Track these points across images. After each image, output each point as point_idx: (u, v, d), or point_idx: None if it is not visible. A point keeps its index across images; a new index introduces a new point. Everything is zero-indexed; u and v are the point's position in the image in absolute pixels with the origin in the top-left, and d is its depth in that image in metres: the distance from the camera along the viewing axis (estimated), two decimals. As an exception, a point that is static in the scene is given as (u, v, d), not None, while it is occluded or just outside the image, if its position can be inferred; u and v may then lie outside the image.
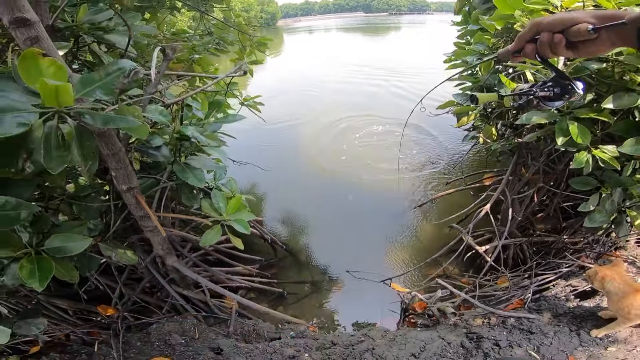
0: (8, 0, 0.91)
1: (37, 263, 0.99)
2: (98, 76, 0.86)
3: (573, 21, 0.57)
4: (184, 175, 1.40)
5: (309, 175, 3.92)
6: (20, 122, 0.73)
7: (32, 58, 0.79)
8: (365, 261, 2.55)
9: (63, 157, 0.77)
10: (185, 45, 2.67)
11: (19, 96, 0.81)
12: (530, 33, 0.62)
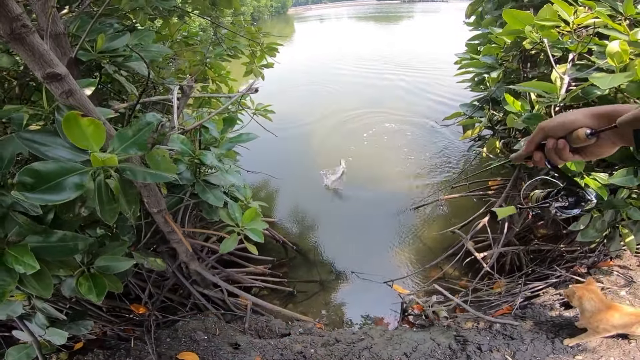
0: (38, 60, 1.06)
1: (92, 280, 1.21)
2: (131, 132, 1.02)
3: (573, 125, 0.58)
4: (204, 195, 1.58)
5: (315, 178, 4.08)
6: (77, 184, 0.90)
7: (74, 119, 0.95)
8: (370, 262, 2.74)
9: (114, 208, 0.95)
10: (197, 49, 2.79)
11: (69, 154, 0.98)
12: (537, 137, 0.64)
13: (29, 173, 0.86)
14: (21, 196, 0.80)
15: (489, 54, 2.14)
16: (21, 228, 1.08)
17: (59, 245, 1.10)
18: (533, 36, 1.84)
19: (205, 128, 1.71)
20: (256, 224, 1.86)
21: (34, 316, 1.48)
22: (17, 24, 0.93)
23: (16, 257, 1.02)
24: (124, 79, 1.76)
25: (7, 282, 1.03)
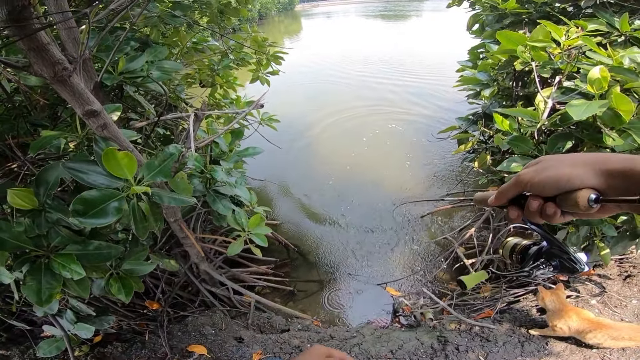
0: (78, 98, 1.28)
1: (121, 281, 1.48)
2: (157, 162, 1.27)
3: (570, 184, 0.45)
4: (214, 205, 1.83)
5: (314, 183, 4.37)
6: (117, 208, 1.15)
7: (112, 153, 1.20)
8: (366, 265, 3.02)
9: (146, 226, 1.21)
10: (205, 57, 3.02)
11: (105, 180, 1.22)
12: (513, 192, 0.52)
13: (80, 201, 1.11)
14: (77, 222, 1.06)
15: (484, 70, 2.33)
16: (63, 238, 1.36)
17: (96, 253, 1.36)
18: (525, 56, 2.00)
19: (215, 143, 1.96)
20: (261, 229, 2.11)
21: (64, 312, 1.77)
22: (59, 67, 1.12)
23: (62, 264, 1.28)
24: (143, 99, 2.01)
25: (53, 286, 1.28)
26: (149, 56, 2.00)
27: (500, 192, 0.54)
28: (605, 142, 1.52)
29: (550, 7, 2.43)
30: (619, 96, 1.44)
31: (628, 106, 1.44)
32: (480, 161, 2.26)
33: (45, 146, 1.49)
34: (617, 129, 1.52)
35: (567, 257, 0.56)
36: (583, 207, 0.44)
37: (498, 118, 1.92)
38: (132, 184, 1.20)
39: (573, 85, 1.73)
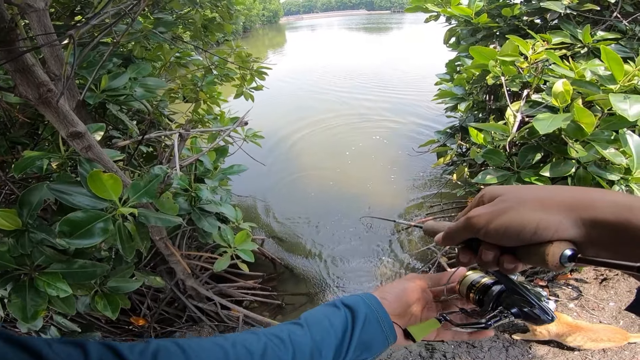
0: (63, 120, 1.33)
1: (106, 299, 1.51)
2: (143, 184, 1.32)
3: (537, 236, 0.35)
4: (200, 223, 1.88)
5: (298, 197, 4.47)
6: (103, 228, 1.20)
7: (97, 175, 1.25)
8: (353, 277, 3.09)
9: (132, 246, 1.25)
10: (189, 72, 3.07)
11: (89, 201, 1.27)
12: (463, 236, 0.44)
13: (66, 223, 1.15)
14: (64, 243, 1.10)
15: (459, 84, 2.46)
16: (47, 258, 1.39)
17: (81, 272, 1.40)
18: (496, 71, 2.13)
19: (199, 161, 2.02)
20: (247, 244, 2.16)
21: (48, 329, 1.78)
22: (43, 89, 1.14)
23: (48, 282, 1.32)
24: (126, 117, 2.05)
25: (38, 303, 1.32)
26: (132, 72, 2.01)
27: (448, 234, 0.46)
28: (570, 154, 1.64)
29: (519, 20, 2.57)
30: (580, 109, 1.55)
31: (589, 119, 1.56)
32: (458, 174, 2.37)
33: (28, 167, 1.51)
34: (580, 141, 1.64)
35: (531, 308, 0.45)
36: (553, 266, 0.35)
37: (473, 132, 2.01)
38: (118, 205, 1.25)
39: (540, 98, 1.86)
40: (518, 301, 0.47)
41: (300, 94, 9.16)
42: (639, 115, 1.44)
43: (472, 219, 0.41)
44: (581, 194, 0.35)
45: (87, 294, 1.52)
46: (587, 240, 0.34)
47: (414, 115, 6.92)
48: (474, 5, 2.70)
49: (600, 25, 2.39)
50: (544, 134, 1.69)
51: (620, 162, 1.58)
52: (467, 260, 0.45)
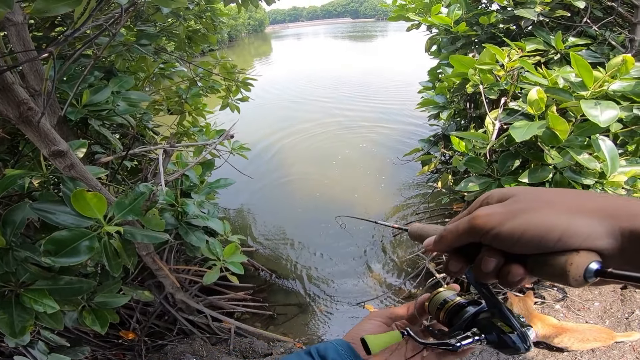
0: (44, 139, 1.32)
1: (94, 314, 1.51)
2: (128, 201, 1.33)
3: (562, 243, 0.30)
4: (187, 238, 1.89)
5: (286, 207, 4.52)
6: (88, 246, 1.21)
7: (81, 194, 1.26)
8: (344, 286, 3.14)
9: (119, 262, 1.26)
10: (173, 83, 3.07)
11: (73, 220, 1.28)
12: (463, 241, 0.38)
13: (51, 242, 1.16)
14: (50, 261, 1.11)
15: (441, 93, 2.54)
16: (32, 275, 1.38)
17: (67, 288, 1.39)
18: (475, 79, 2.19)
19: (185, 176, 2.03)
20: (236, 257, 2.17)
21: (36, 343, 1.76)
22: (23, 107, 1.12)
23: (34, 299, 1.31)
24: (109, 132, 2.05)
25: (25, 319, 1.31)
26: (114, 86, 1.99)
27: (444, 237, 0.40)
28: (547, 160, 1.72)
29: (495, 28, 2.66)
30: (554, 117, 1.62)
31: (563, 126, 1.63)
32: (442, 181, 2.43)
33: (9, 186, 1.50)
34: (556, 147, 1.71)
35: (510, 333, 0.40)
36: (574, 279, 0.29)
37: (455, 140, 2.07)
38: (103, 223, 1.26)
39: (517, 105, 1.93)
40: (498, 325, 0.42)
41: (286, 104, 9.28)
42: (610, 121, 1.50)
43: (480, 218, 0.35)
44: (622, 202, 0.31)
45: (74, 310, 1.52)
46: (618, 253, 0.30)
47: (398, 123, 7.09)
48: (453, 14, 2.79)
49: (572, 31, 2.49)
50: (522, 141, 1.75)
51: (594, 166, 1.65)
52: (457, 270, 0.40)
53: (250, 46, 31.53)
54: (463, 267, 0.40)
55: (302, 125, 7.41)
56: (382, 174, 5.14)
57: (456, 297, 0.50)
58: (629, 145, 1.83)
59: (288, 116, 8.15)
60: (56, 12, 0.85)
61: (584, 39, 2.28)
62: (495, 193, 0.38)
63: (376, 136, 6.55)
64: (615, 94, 1.70)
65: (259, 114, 8.04)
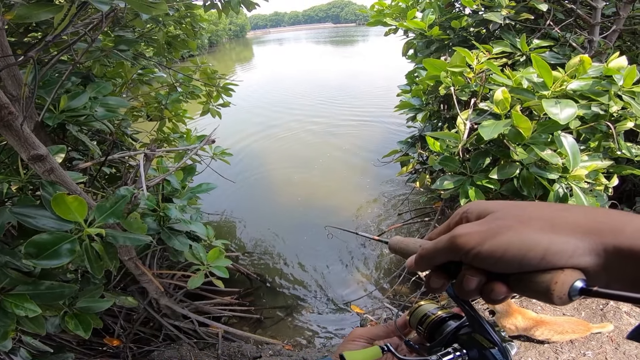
0: (24, 143, 1.34)
1: (77, 318, 1.53)
2: (109, 205, 1.38)
3: (545, 262, 0.30)
4: (170, 242, 1.93)
5: (269, 212, 4.60)
6: (70, 249, 1.25)
7: (61, 198, 1.29)
8: (329, 287, 3.22)
9: (101, 265, 1.30)
10: (153, 89, 3.08)
11: (54, 224, 1.31)
12: (443, 259, 0.38)
13: (32, 244, 1.19)
14: (31, 263, 1.14)
15: (417, 95, 2.66)
16: (12, 280, 1.40)
17: (48, 293, 1.41)
18: (447, 81, 2.31)
19: (167, 181, 2.07)
20: (220, 261, 2.22)
21: (18, 350, 1.76)
22: (4, 111, 1.15)
23: (15, 303, 1.33)
24: (87, 138, 2.07)
25: (7, 324, 1.33)
26: (92, 92, 1.99)
27: (423, 257, 0.40)
28: (514, 157, 1.84)
29: (466, 31, 2.81)
30: (518, 116, 1.74)
31: (526, 124, 1.75)
32: (420, 181, 2.54)
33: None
34: (521, 144, 1.84)
35: (491, 348, 0.40)
36: (558, 298, 0.30)
37: (430, 140, 2.16)
38: (84, 226, 1.30)
39: (486, 106, 2.06)
40: (479, 340, 0.42)
41: (267, 107, 9.42)
42: (569, 119, 1.62)
43: (460, 237, 0.35)
44: (604, 217, 0.31)
45: (56, 315, 1.54)
46: (602, 269, 0.30)
47: (380, 125, 7.29)
48: (427, 18, 2.93)
49: (537, 33, 2.65)
50: (491, 140, 1.87)
51: (557, 162, 1.77)
52: (440, 286, 0.40)
53: (232, 51, 31.74)
54: (444, 284, 0.40)
55: (280, 129, 7.56)
56: (364, 176, 5.29)
57: (437, 311, 0.50)
58: (591, 142, 1.96)
59: (267, 121, 8.28)
60: (38, 18, 0.89)
61: (548, 41, 2.42)
62: (473, 208, 0.38)
63: (357, 139, 6.74)
64: (575, 93, 1.82)
65: (239, 119, 8.08)
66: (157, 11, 1.27)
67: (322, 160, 5.92)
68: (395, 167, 4.70)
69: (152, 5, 0.93)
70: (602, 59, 2.32)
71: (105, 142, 2.50)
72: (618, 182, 2.04)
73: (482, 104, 2.10)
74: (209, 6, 2.70)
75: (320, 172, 5.55)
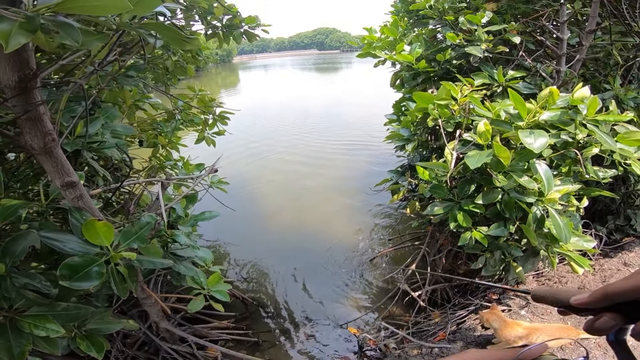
0: (60, 170, 1.51)
1: (88, 339, 1.65)
2: (134, 230, 1.55)
3: None
4: (176, 267, 2.08)
5: (262, 238, 4.80)
6: (99, 272, 1.40)
7: (92, 224, 1.46)
8: (326, 309, 3.37)
9: (125, 287, 1.46)
10: (150, 116, 3.19)
11: (84, 248, 1.46)
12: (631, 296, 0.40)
13: (65, 267, 1.33)
14: (67, 284, 1.30)
15: (406, 126, 2.93)
16: (28, 301, 1.50)
17: (64, 314, 1.51)
18: (434, 113, 2.57)
19: (172, 208, 2.24)
20: (221, 285, 2.37)
21: None
22: (48, 138, 1.23)
23: (35, 324, 1.42)
24: (97, 164, 2.22)
25: (23, 344, 1.41)
26: (103, 118, 2.10)
27: (607, 293, 0.41)
28: (496, 184, 2.10)
29: (450, 64, 3.09)
30: (498, 146, 2.00)
31: (506, 154, 1.99)
32: (410, 208, 2.78)
33: (11, 216, 1.59)
34: (502, 172, 2.09)
35: None
36: None
37: (420, 169, 2.38)
38: (110, 250, 1.46)
39: (469, 137, 2.32)
40: None
41: (251, 134, 9.74)
42: (542, 148, 1.87)
43: None
44: None
45: (67, 336, 1.65)
46: None
47: (367, 155, 7.68)
48: (415, 52, 3.24)
49: (511, 64, 2.97)
50: (475, 169, 2.06)
51: (533, 187, 2.03)
52: (609, 327, 0.41)
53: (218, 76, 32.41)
54: (615, 326, 0.41)
55: (266, 157, 7.93)
56: (354, 203, 5.58)
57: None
58: (562, 167, 2.25)
59: (252, 148, 8.64)
60: (90, 46, 0.93)
61: (521, 72, 2.73)
62: None
63: (345, 167, 7.11)
64: (546, 123, 2.07)
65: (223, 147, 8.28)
66: (191, 46, 1.42)
67: (311, 189, 6.17)
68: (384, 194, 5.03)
69: (187, 40, 1.05)
70: (568, 88, 2.62)
71: (108, 168, 2.62)
72: (589, 203, 2.31)
73: (466, 134, 2.36)
74: (210, 35, 2.91)
75: (312, 199, 5.81)
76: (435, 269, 2.96)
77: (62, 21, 0.81)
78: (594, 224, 3.10)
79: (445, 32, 2.99)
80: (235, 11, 2.74)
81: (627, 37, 2.82)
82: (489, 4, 3.07)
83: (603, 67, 3.04)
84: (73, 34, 0.80)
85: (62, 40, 0.81)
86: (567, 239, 1.95)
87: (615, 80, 2.81)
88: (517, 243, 2.35)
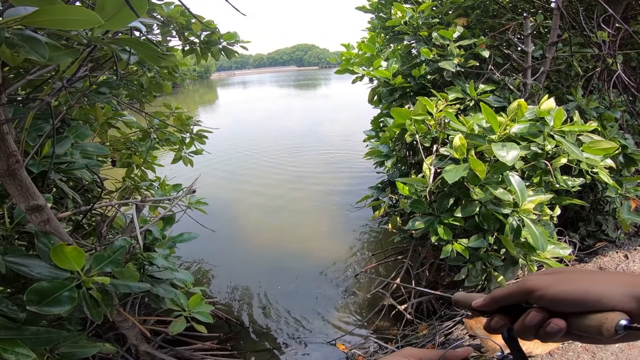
0: (25, 193, 1.43)
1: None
2: (107, 254, 1.51)
3: (599, 305, 0.43)
4: (155, 289, 2.03)
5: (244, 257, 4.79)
6: (70, 296, 1.36)
7: (60, 248, 1.41)
8: (312, 327, 3.35)
9: (100, 311, 1.41)
10: (123, 134, 3.07)
11: (53, 273, 1.41)
12: (512, 300, 0.50)
13: (33, 292, 1.28)
14: (35, 309, 1.25)
15: (384, 142, 2.99)
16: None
17: (34, 338, 1.44)
18: (411, 129, 2.64)
19: (148, 231, 2.20)
20: (202, 307, 2.31)
21: None
22: (12, 160, 1.18)
23: (4, 348, 1.34)
24: (66, 186, 2.15)
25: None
26: (72, 137, 1.98)
27: (494, 297, 0.52)
28: (473, 197, 2.17)
29: (425, 79, 3.20)
30: (474, 160, 2.05)
31: (481, 167, 2.04)
32: (392, 223, 2.82)
33: None
34: (478, 185, 2.16)
35: None
36: (607, 331, 0.41)
37: (400, 185, 2.41)
38: (81, 275, 1.42)
39: (446, 151, 2.40)
40: None
41: (233, 157, 9.67)
42: (515, 160, 1.94)
43: (530, 281, 0.48)
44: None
45: (37, 359, 1.57)
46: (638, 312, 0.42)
47: (349, 171, 7.81)
48: (391, 67, 3.34)
49: (481, 78, 3.08)
50: (452, 182, 2.09)
51: (508, 198, 2.09)
52: (500, 326, 0.52)
53: (195, 94, 32.34)
54: (505, 326, 0.51)
55: (246, 176, 7.92)
56: (336, 220, 5.63)
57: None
58: (534, 178, 2.35)
59: (231, 167, 8.65)
60: (57, 61, 0.92)
61: (491, 85, 2.86)
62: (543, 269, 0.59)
63: (325, 184, 7.18)
64: (516, 136, 2.17)
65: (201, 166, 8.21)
66: (167, 63, 1.41)
67: (292, 207, 6.19)
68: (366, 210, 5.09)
69: (163, 57, 1.04)
70: (535, 100, 2.75)
71: (77, 190, 2.53)
72: (561, 212, 2.41)
73: (443, 149, 2.43)
74: (188, 51, 2.89)
75: (294, 218, 5.82)
76: (420, 282, 3.00)
77: (29, 35, 0.80)
78: (567, 231, 3.22)
79: (419, 47, 3.10)
80: (213, 27, 2.71)
81: (586, 48, 2.97)
82: (459, 19, 3.22)
83: (565, 78, 3.20)
84: (39, 48, 0.79)
85: (28, 56, 0.80)
86: (544, 247, 2.02)
87: (577, 91, 2.96)
88: (497, 253, 2.40)
